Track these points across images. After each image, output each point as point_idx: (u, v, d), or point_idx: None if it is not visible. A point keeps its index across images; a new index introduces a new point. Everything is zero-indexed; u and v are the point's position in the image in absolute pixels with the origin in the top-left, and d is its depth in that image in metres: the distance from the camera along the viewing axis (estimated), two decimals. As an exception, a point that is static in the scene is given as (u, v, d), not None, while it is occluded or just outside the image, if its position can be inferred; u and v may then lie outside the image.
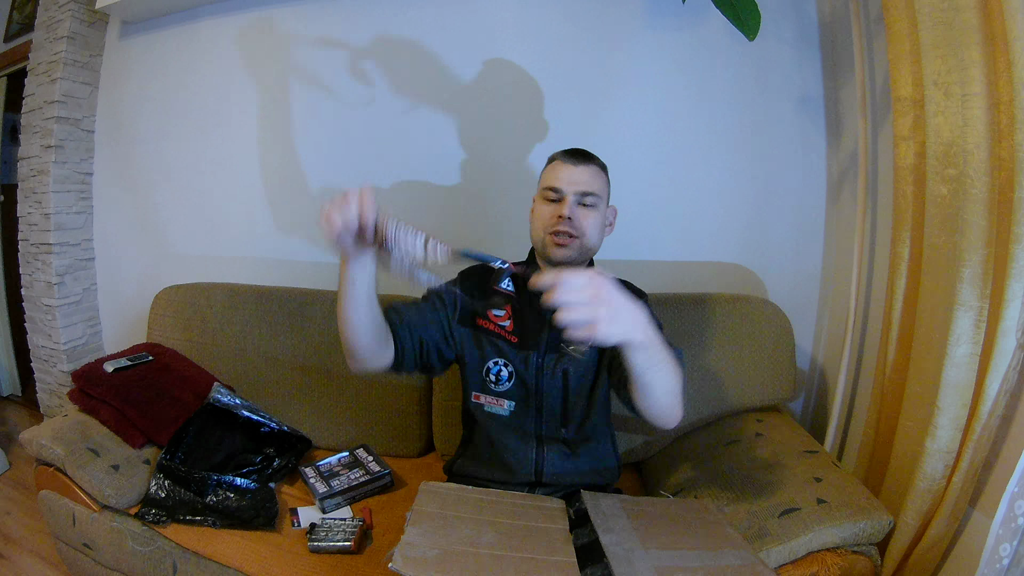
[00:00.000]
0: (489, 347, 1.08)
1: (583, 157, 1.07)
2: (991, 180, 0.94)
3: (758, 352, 1.37)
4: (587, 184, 1.04)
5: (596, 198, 1.04)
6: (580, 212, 1.03)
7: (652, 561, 0.82)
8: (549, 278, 0.68)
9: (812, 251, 1.58)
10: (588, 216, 1.04)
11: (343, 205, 0.76)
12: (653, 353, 0.77)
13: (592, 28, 1.55)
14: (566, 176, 1.04)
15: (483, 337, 1.09)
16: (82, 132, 1.97)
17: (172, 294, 1.67)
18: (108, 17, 1.93)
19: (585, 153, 1.08)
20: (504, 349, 1.08)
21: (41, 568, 1.59)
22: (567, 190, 1.03)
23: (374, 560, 1.07)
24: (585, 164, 1.05)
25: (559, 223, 1.02)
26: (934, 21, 0.98)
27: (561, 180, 1.04)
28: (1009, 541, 0.92)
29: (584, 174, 1.04)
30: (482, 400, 1.09)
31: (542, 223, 1.05)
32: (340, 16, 1.69)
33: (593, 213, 1.04)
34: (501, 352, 1.08)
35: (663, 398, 0.85)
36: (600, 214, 1.06)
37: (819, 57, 1.49)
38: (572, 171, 1.04)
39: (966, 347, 0.97)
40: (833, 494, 1.00)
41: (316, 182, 1.78)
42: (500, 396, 1.08)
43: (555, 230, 1.02)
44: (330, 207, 0.76)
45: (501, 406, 1.08)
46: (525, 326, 1.08)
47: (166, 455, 1.27)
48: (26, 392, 2.67)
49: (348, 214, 0.76)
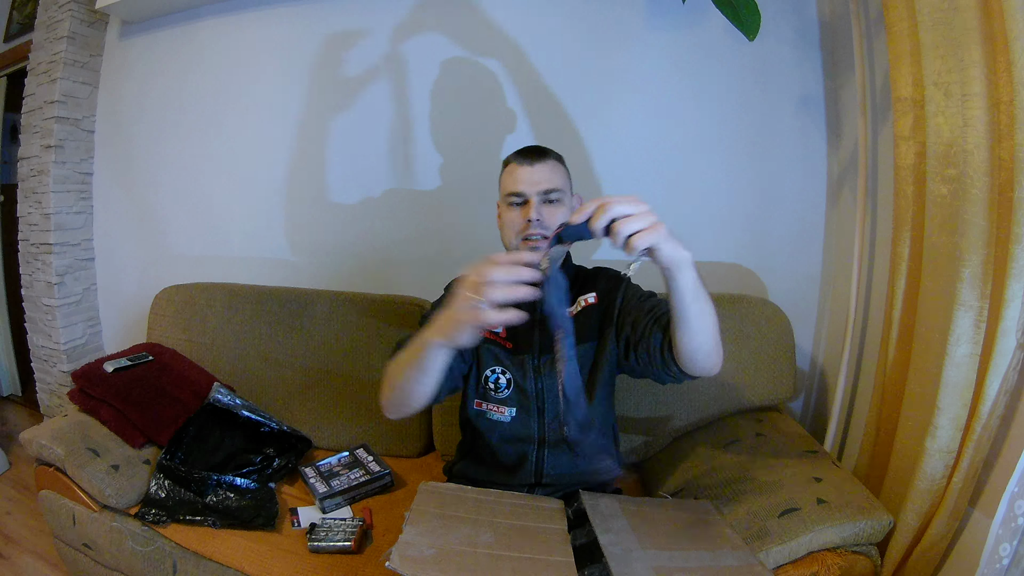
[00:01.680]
0: (486, 355, 1.08)
1: (537, 154, 1.05)
2: (991, 180, 0.93)
3: (758, 352, 1.36)
4: (548, 181, 1.02)
5: (560, 192, 1.03)
6: (547, 211, 1.02)
7: (650, 561, 0.82)
8: (591, 204, 0.67)
9: (812, 251, 1.57)
10: (555, 212, 1.03)
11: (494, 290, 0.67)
12: (698, 275, 0.75)
13: (592, 28, 1.55)
14: (525, 177, 1.03)
15: (480, 346, 1.08)
16: (82, 132, 1.97)
17: (172, 294, 1.67)
18: (108, 17, 1.93)
19: (538, 149, 1.07)
20: (500, 356, 1.08)
21: (41, 568, 1.59)
22: (529, 192, 1.02)
23: (374, 560, 1.07)
24: (541, 161, 1.04)
25: (529, 227, 1.01)
26: (934, 21, 0.98)
27: (521, 183, 1.03)
28: (1009, 541, 0.92)
29: (542, 171, 1.03)
30: (484, 407, 1.08)
31: (512, 229, 1.04)
32: (340, 16, 1.69)
33: (560, 208, 1.03)
34: (498, 360, 1.08)
35: (711, 330, 0.81)
36: (566, 207, 1.05)
37: (819, 57, 1.49)
38: (530, 171, 1.03)
39: (966, 347, 0.97)
40: (833, 494, 1.00)
41: (316, 182, 1.78)
42: (501, 403, 1.07)
43: (526, 235, 1.01)
44: (474, 296, 0.67)
45: (503, 413, 1.07)
46: (517, 330, 1.07)
47: (166, 455, 1.27)
48: (26, 392, 2.68)
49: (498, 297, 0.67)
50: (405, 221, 1.73)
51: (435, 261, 1.72)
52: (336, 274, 1.80)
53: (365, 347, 1.50)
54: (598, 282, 1.10)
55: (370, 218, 1.76)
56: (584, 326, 1.06)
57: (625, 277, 0.97)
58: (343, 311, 1.53)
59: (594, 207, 0.68)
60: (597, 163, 1.60)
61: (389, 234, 1.76)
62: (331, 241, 1.80)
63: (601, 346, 1.06)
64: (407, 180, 1.72)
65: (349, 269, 1.80)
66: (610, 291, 1.08)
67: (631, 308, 1.01)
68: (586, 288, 1.10)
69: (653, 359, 0.94)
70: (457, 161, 1.67)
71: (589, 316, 1.06)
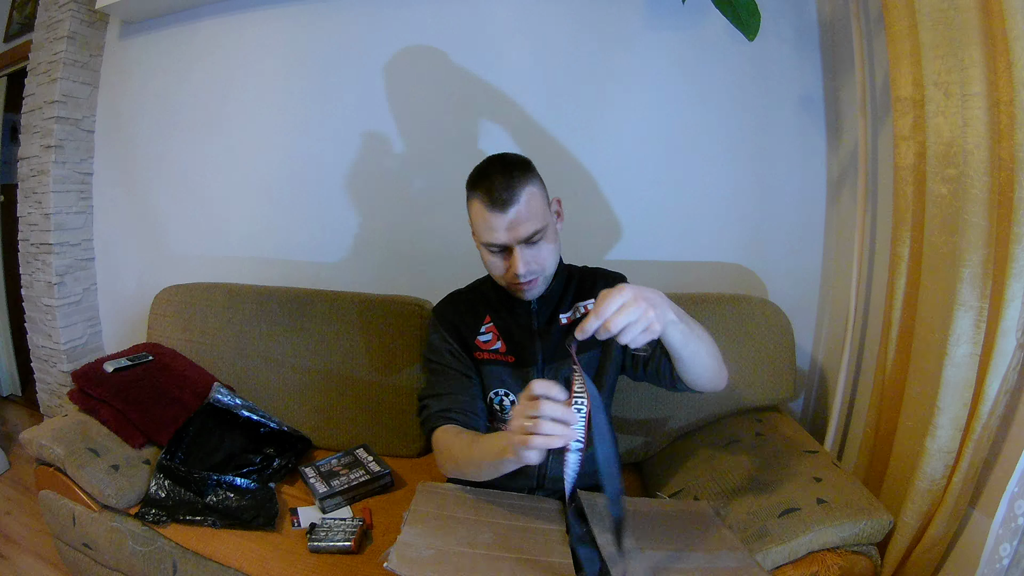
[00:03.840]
0: (490, 376, 1.07)
1: (508, 192, 0.92)
2: (991, 180, 0.93)
3: (758, 352, 1.36)
4: (527, 222, 0.93)
5: (541, 232, 0.95)
6: (531, 254, 0.95)
7: (648, 562, 0.82)
8: (593, 322, 0.71)
9: (812, 251, 1.57)
10: (540, 251, 0.96)
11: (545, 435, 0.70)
12: (687, 323, 0.81)
13: (592, 28, 1.55)
14: (501, 227, 0.93)
15: (482, 368, 1.07)
16: (82, 132, 1.97)
17: (172, 294, 1.67)
18: (108, 17, 1.93)
19: (508, 183, 0.93)
20: (503, 375, 1.06)
21: (41, 568, 1.59)
22: (510, 241, 0.94)
23: (374, 560, 1.07)
24: (514, 203, 0.92)
25: (516, 277, 0.96)
26: (934, 21, 0.98)
27: (498, 234, 0.93)
28: (1009, 541, 0.91)
29: (520, 214, 0.92)
30: (493, 426, 1.08)
31: (498, 274, 1.00)
32: (340, 16, 1.68)
33: (545, 245, 0.97)
34: (501, 380, 1.06)
35: (709, 361, 0.88)
36: (551, 238, 0.98)
37: (819, 57, 1.49)
38: (502, 219, 0.92)
39: (966, 347, 0.97)
40: (833, 494, 1.00)
41: (316, 181, 1.78)
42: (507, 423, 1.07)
43: (515, 282, 0.98)
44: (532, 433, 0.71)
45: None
46: (516, 342, 1.06)
47: (166, 455, 1.27)
48: (26, 392, 2.68)
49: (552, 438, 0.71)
50: (405, 221, 1.73)
51: (435, 261, 1.72)
52: (336, 274, 1.80)
53: (365, 347, 1.50)
54: (596, 286, 1.09)
55: (370, 218, 1.76)
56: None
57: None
58: (343, 311, 1.53)
59: (597, 325, 0.70)
60: (597, 163, 1.60)
61: (389, 234, 1.76)
62: (331, 241, 1.80)
63: (605, 354, 1.06)
64: (407, 180, 1.72)
65: (349, 269, 1.80)
66: None
67: None
68: (583, 291, 1.09)
69: (663, 380, 1.01)
70: (457, 161, 1.66)
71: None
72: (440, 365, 1.08)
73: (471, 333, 1.08)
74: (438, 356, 1.09)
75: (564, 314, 0.80)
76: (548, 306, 1.07)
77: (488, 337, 1.08)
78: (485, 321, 1.09)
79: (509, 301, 1.08)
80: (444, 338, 1.09)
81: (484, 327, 1.08)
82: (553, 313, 1.06)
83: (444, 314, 1.12)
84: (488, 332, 1.08)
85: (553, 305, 1.07)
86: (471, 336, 1.08)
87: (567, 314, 0.77)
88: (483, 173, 0.97)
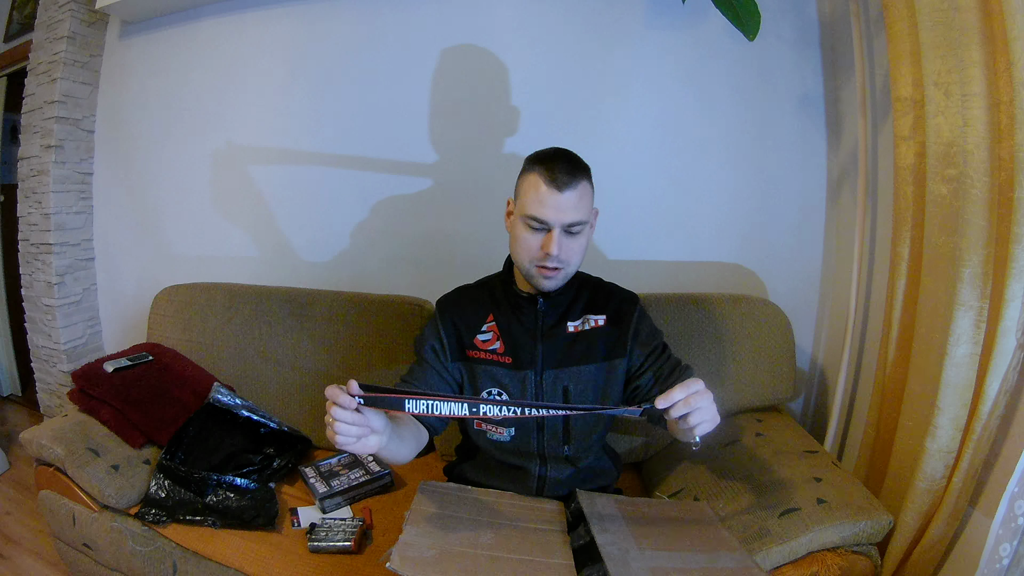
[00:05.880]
0: (483, 376, 1.05)
1: (569, 177, 0.94)
2: (991, 180, 0.94)
3: (758, 352, 1.36)
4: (575, 211, 0.94)
5: (582, 225, 0.96)
6: (566, 244, 0.96)
7: (647, 562, 0.82)
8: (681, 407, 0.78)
9: (812, 251, 1.57)
10: (574, 244, 0.97)
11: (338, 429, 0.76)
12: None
13: (592, 28, 1.55)
14: (552, 204, 0.93)
15: (476, 367, 1.06)
16: (82, 132, 1.97)
17: (172, 294, 1.67)
18: (108, 17, 1.93)
19: (571, 169, 0.95)
20: (499, 375, 1.05)
21: (41, 568, 1.59)
22: (554, 222, 0.94)
23: (374, 560, 1.07)
24: (572, 187, 0.94)
25: (546, 259, 0.96)
26: (934, 21, 0.98)
27: (547, 211, 0.94)
28: (1009, 541, 0.92)
29: (571, 200, 0.94)
30: (484, 427, 1.08)
31: (528, 253, 0.98)
32: (340, 16, 1.68)
33: (579, 240, 0.98)
34: (496, 380, 1.05)
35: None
36: (585, 237, 0.99)
37: (819, 57, 1.49)
38: (558, 199, 0.93)
39: (966, 347, 0.97)
40: (833, 494, 1.00)
41: (316, 181, 1.78)
42: (500, 424, 1.06)
43: (542, 264, 0.97)
44: (330, 429, 0.77)
45: (501, 434, 1.06)
46: (516, 343, 1.05)
47: (166, 455, 1.27)
48: (26, 392, 2.68)
49: (348, 433, 0.76)
50: (405, 221, 1.73)
51: (435, 261, 1.72)
52: (336, 274, 1.80)
53: (365, 347, 1.49)
54: (609, 303, 1.08)
55: (370, 218, 1.76)
56: (588, 346, 1.04)
57: (638, 308, 1.08)
58: (343, 311, 1.53)
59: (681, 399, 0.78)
60: (597, 163, 1.57)
61: (389, 234, 1.76)
62: (331, 241, 1.80)
63: (611, 371, 1.05)
64: (407, 180, 1.72)
65: (349, 269, 1.80)
66: (622, 319, 1.06)
67: (652, 366, 1.05)
68: (595, 304, 1.08)
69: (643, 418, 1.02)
70: (457, 161, 1.67)
71: (594, 337, 1.05)
72: (419, 356, 1.08)
73: (470, 332, 1.08)
74: (420, 347, 1.08)
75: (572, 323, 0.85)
76: (556, 310, 1.06)
77: (488, 336, 1.08)
78: (487, 320, 1.08)
79: (516, 301, 1.07)
80: (435, 333, 1.08)
81: (485, 326, 1.08)
82: (560, 318, 1.06)
83: (445, 309, 1.11)
84: (488, 331, 1.08)
85: (561, 311, 1.07)
86: (469, 335, 1.08)
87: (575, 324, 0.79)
88: (550, 155, 0.99)
